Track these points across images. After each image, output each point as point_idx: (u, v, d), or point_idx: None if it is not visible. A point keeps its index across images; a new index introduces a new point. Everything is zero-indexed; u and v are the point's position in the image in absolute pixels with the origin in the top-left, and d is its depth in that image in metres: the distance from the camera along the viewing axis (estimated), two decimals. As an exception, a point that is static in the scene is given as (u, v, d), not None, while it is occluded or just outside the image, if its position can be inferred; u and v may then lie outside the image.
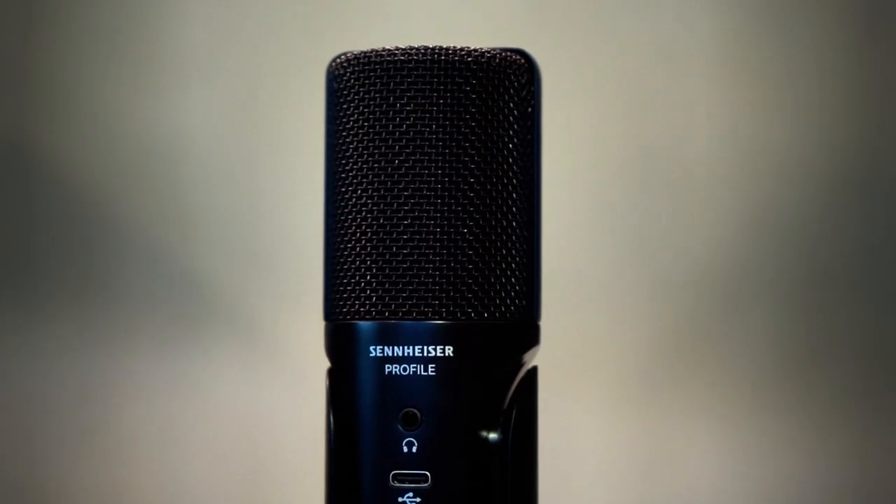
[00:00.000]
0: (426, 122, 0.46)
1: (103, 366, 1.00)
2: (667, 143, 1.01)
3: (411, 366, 0.46)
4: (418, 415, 0.46)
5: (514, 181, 0.47)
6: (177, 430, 1.00)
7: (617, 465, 1.00)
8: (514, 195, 0.47)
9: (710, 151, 1.01)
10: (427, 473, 0.46)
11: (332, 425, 0.47)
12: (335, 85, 0.48)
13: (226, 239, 1.01)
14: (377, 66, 0.47)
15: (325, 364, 0.49)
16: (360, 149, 0.47)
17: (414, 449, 0.46)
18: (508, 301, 0.47)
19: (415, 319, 0.46)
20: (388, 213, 0.46)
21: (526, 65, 0.48)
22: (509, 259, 0.47)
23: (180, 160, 1.01)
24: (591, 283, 1.01)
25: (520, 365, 0.47)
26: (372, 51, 0.47)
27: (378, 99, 0.47)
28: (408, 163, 0.46)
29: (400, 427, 0.46)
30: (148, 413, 1.00)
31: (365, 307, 0.46)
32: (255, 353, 1.01)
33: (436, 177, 0.46)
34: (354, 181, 0.47)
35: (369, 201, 0.46)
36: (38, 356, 1.00)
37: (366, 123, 0.47)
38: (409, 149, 0.46)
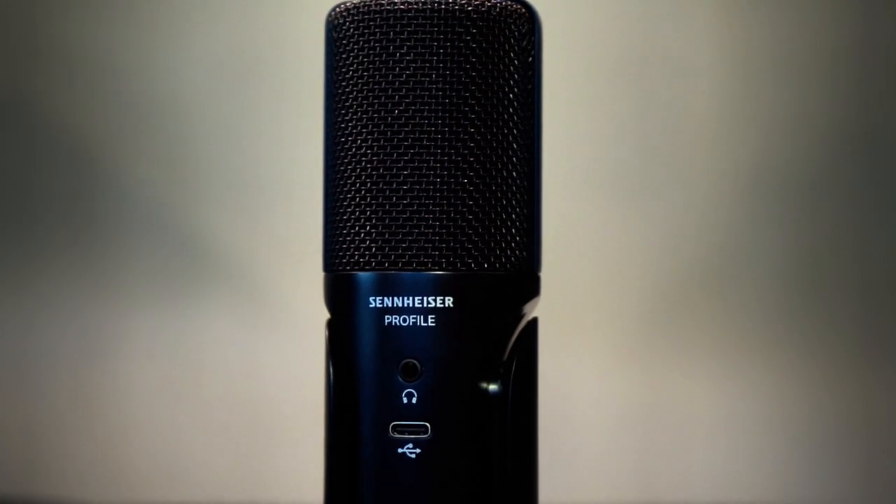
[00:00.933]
0: (426, 71, 0.46)
1: (100, 321, 1.00)
2: (666, 96, 1.01)
3: (411, 317, 0.46)
4: (418, 366, 0.46)
5: (515, 131, 0.47)
6: (175, 386, 1.00)
7: (616, 413, 1.00)
8: (515, 145, 0.47)
9: (709, 103, 1.01)
10: (427, 424, 0.46)
11: (331, 377, 0.47)
12: (334, 35, 0.48)
13: (225, 193, 1.01)
14: (376, 16, 0.47)
15: (325, 318, 0.48)
16: (360, 99, 0.47)
17: (414, 400, 0.46)
18: (509, 252, 0.46)
19: (415, 270, 0.46)
20: (388, 163, 0.46)
21: (526, 14, 0.48)
22: (509, 210, 0.46)
23: (179, 113, 1.01)
24: (589, 234, 1.01)
25: (520, 316, 0.47)
26: (371, 0, 0.47)
27: (377, 49, 0.47)
28: (407, 113, 0.46)
29: (400, 378, 0.46)
30: (145, 368, 1.00)
31: (364, 258, 0.46)
32: (255, 307, 1.01)
33: (436, 127, 0.46)
34: (354, 131, 0.47)
35: (369, 151, 0.46)
36: (35, 312, 1.00)
37: (365, 73, 0.47)
38: (408, 99, 0.46)
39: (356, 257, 0.46)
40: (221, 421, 1.00)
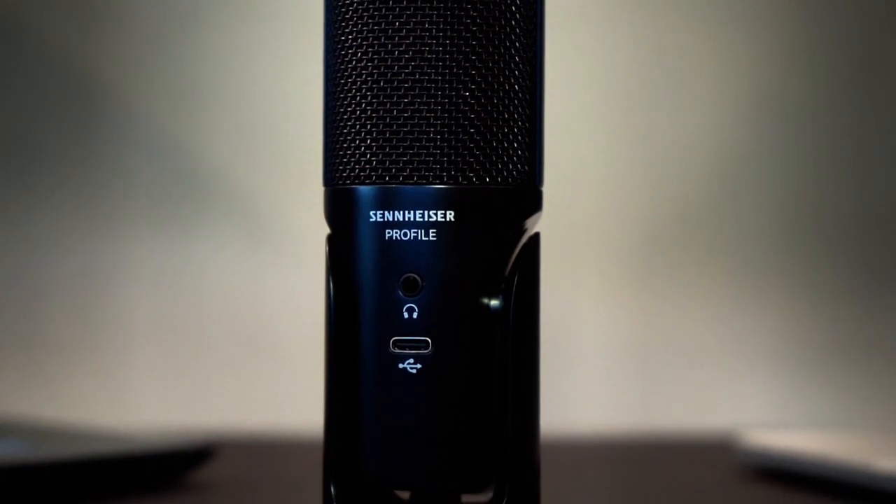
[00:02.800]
0: (427, -17, 0.45)
1: (101, 247, 1.00)
2: (669, 26, 1.00)
3: (412, 231, 0.45)
4: (419, 280, 0.45)
5: (518, 43, 0.46)
6: (175, 311, 1.00)
7: (615, 341, 1.00)
8: (517, 58, 0.46)
9: (711, 34, 1.00)
10: (428, 339, 0.46)
11: (331, 293, 0.46)
12: (333, -53, 0.47)
13: (225, 116, 1.01)
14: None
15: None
16: (360, 11, 0.46)
17: (414, 315, 0.45)
18: (510, 166, 0.46)
19: (415, 184, 0.45)
20: (389, 75, 0.45)
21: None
22: (511, 123, 0.46)
23: (180, 37, 1.00)
24: (589, 162, 1.00)
25: (522, 231, 0.46)
26: None
27: (377, -39, 0.46)
28: (408, 25, 0.45)
29: (400, 293, 0.46)
30: (146, 294, 1.00)
31: (365, 171, 0.46)
32: (255, 233, 1.00)
33: (437, 39, 0.45)
34: (354, 43, 0.46)
35: (369, 64, 0.46)
36: (37, 239, 1.00)
37: (365, -17, 0.46)
38: (409, 10, 0.45)
39: (356, 171, 0.46)
40: (222, 346, 1.00)
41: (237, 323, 1.01)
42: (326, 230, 0.48)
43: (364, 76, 0.46)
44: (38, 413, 0.93)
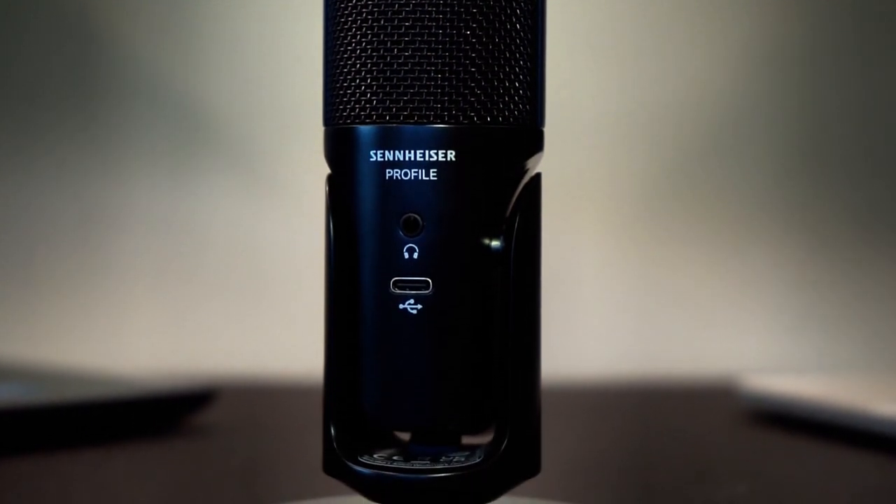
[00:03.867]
0: (428, -81, 0.45)
1: (101, 191, 1.00)
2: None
3: (412, 170, 0.45)
4: (419, 220, 0.45)
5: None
6: (176, 256, 1.00)
7: (616, 287, 1.00)
8: (520, -5, 0.46)
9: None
10: (428, 280, 0.45)
11: (331, 233, 0.46)
12: None
13: (227, 64, 1.00)
14: None
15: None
16: (360, -51, 0.45)
17: (415, 255, 0.45)
18: (512, 105, 0.46)
19: (416, 123, 0.45)
20: (390, 14, 0.45)
21: None
22: (513, 62, 0.46)
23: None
24: (590, 105, 1.00)
25: (523, 171, 0.46)
26: None
27: None
28: (409, -38, 0.45)
29: (401, 233, 0.45)
30: (146, 238, 1.00)
31: (365, 111, 0.45)
32: (255, 177, 1.00)
33: (438, -24, 0.45)
34: (354, -19, 0.46)
35: (370, 2, 0.45)
36: (36, 184, 1.00)
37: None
38: (410, -52, 0.45)
39: (356, 110, 0.45)
40: (222, 289, 1.00)
41: (237, 267, 1.00)
42: (326, 174, 0.47)
43: (364, 14, 0.45)
44: (40, 357, 0.93)
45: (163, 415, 0.76)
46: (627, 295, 1.01)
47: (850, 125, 1.01)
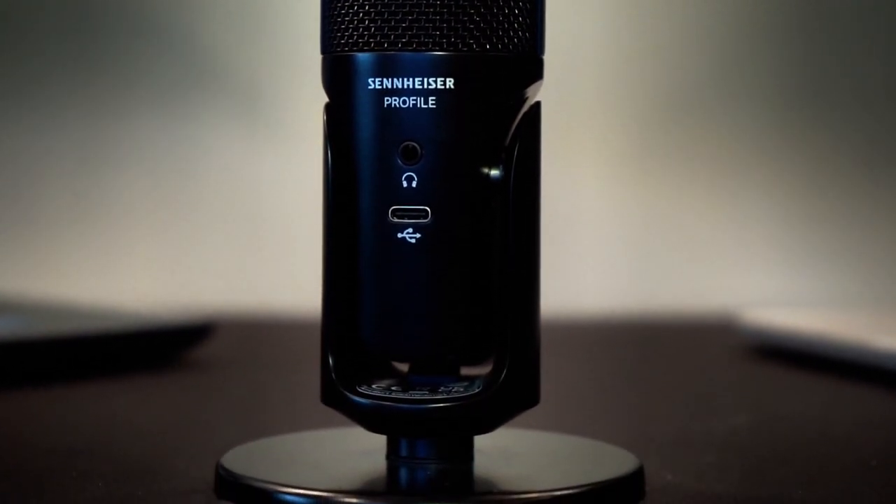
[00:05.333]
0: None
1: (101, 133, 0.99)
2: None
3: (411, 98, 0.44)
4: (418, 148, 0.45)
5: None
6: (176, 197, 1.00)
7: (616, 223, 1.00)
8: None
9: None
10: (427, 209, 0.45)
11: (329, 163, 0.46)
12: None
13: (224, 1, 0.99)
14: None
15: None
16: None
17: (414, 184, 0.45)
18: (511, 33, 0.45)
19: (415, 50, 0.44)
20: (388, -62, 0.44)
21: None
22: (512, -12, 0.45)
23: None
24: (590, 42, 0.99)
25: (522, 99, 0.46)
26: None
27: None
28: None
29: (399, 161, 0.45)
30: (144, 173, 1.00)
31: (363, 38, 0.45)
32: (253, 111, 1.00)
33: None
34: None
35: (369, -73, 0.45)
36: (36, 123, 0.99)
37: None
38: None
39: (354, 37, 0.45)
40: (220, 224, 1.00)
41: (235, 202, 1.00)
42: (324, 103, 0.47)
43: (363, -61, 0.45)
44: (40, 291, 0.93)
45: (161, 349, 0.76)
46: (627, 229, 1.00)
47: (848, 59, 1.01)
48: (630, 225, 1.00)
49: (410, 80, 0.44)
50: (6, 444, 0.57)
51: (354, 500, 0.43)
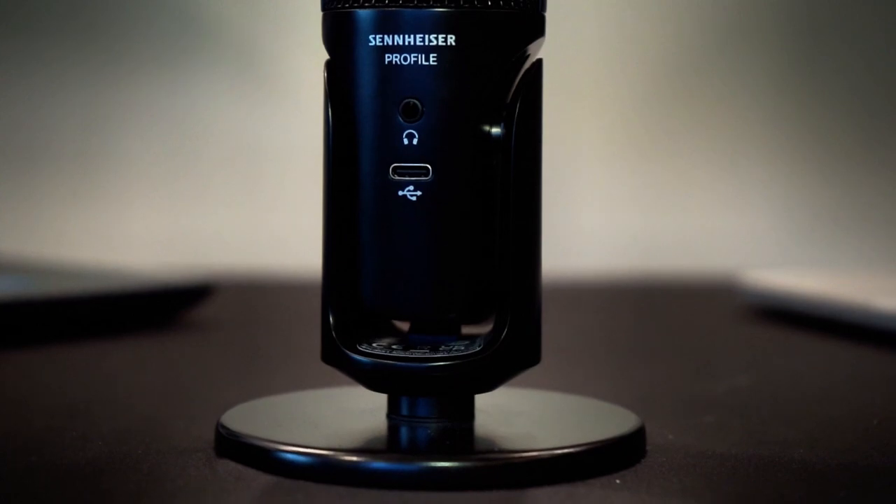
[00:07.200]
0: None
1: (101, 95, 0.99)
2: None
3: (412, 55, 0.44)
4: (419, 106, 0.44)
5: None
6: (174, 152, 1.00)
7: (617, 185, 1.00)
8: None
9: None
10: (428, 166, 0.45)
11: (330, 120, 0.45)
12: None
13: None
14: None
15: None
16: None
17: (415, 141, 0.44)
18: (513, -12, 0.45)
19: (416, 6, 0.44)
20: None
21: None
22: (514, -56, 0.45)
23: None
24: (590, 3, 0.99)
25: (524, 56, 0.45)
26: None
27: None
28: None
29: (400, 118, 0.44)
30: (146, 138, 0.99)
31: (364, -6, 0.44)
32: (255, 76, 0.99)
33: None
34: None
35: None
36: (35, 82, 0.99)
37: None
38: None
39: (355, -7, 0.45)
40: (220, 185, 0.99)
41: (236, 162, 1.00)
42: (324, 60, 0.46)
43: None
44: (40, 251, 0.93)
45: (161, 309, 0.76)
46: (629, 190, 1.00)
47: (850, 25, 1.00)
48: (632, 186, 1.00)
49: (411, 36, 0.44)
50: (6, 404, 0.57)
51: (355, 459, 0.43)
